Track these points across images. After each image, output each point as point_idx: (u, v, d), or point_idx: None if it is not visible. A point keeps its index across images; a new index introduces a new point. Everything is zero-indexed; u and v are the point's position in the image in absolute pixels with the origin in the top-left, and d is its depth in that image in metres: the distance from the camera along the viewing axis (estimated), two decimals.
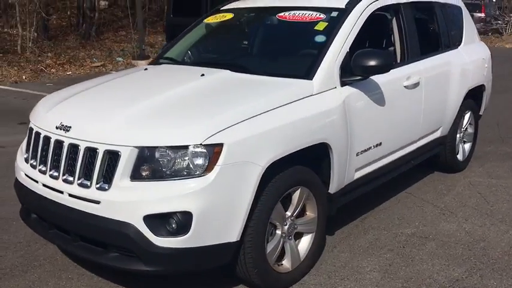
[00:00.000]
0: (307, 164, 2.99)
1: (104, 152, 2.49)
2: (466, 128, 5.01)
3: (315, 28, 3.39)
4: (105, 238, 2.53)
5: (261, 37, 3.88)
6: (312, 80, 3.03)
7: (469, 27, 4.92)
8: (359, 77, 3.20)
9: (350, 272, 3.16)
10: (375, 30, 3.75)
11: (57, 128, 2.70)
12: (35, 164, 2.83)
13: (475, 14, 23.33)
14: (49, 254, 3.33)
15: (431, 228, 3.75)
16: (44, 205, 2.75)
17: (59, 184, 2.63)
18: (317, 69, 3.08)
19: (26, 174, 2.89)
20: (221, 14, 4.05)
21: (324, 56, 3.14)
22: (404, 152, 3.93)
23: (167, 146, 2.45)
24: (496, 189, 4.52)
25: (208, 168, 2.43)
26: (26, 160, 2.94)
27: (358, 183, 3.49)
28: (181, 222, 2.40)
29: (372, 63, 3.11)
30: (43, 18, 15.89)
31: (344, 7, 3.48)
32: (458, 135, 4.86)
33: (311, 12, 3.53)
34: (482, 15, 24.05)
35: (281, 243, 2.89)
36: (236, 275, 2.81)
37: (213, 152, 2.43)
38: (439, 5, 4.46)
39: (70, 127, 2.65)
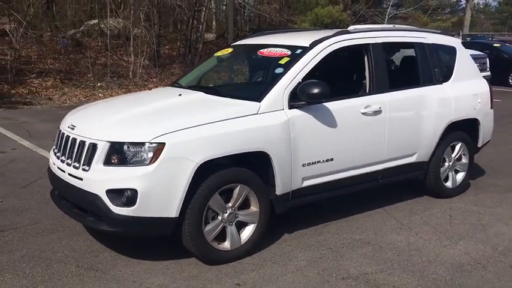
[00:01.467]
0: (251, 167, 3.82)
1: (89, 144, 3.57)
2: (459, 158, 5.40)
3: (279, 62, 4.24)
4: (85, 205, 3.60)
5: (239, 68, 4.80)
6: (259, 102, 3.87)
7: (463, 66, 5.36)
8: (303, 102, 3.96)
9: (283, 259, 3.89)
10: (341, 65, 4.48)
11: (68, 127, 3.87)
12: (56, 153, 4.00)
13: None
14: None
15: (379, 237, 4.31)
16: (58, 182, 3.90)
17: (64, 166, 3.77)
18: (266, 94, 3.92)
19: (52, 162, 4.08)
20: (226, 49, 5.05)
21: (275, 84, 3.98)
22: (366, 171, 4.54)
23: (129, 142, 3.46)
24: (470, 214, 4.89)
25: (152, 160, 3.39)
26: (54, 152, 4.13)
27: (310, 191, 4.20)
28: (130, 196, 3.38)
29: (312, 91, 3.88)
30: (153, 48, 18.14)
31: (308, 45, 4.28)
32: (447, 164, 5.29)
33: (283, 49, 4.39)
34: None
35: (220, 226, 3.73)
36: (184, 244, 3.71)
37: (157, 148, 3.39)
38: (421, 45, 5.02)
39: (75, 126, 3.80)
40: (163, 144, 3.40)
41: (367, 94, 4.52)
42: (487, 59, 12.98)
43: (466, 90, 5.28)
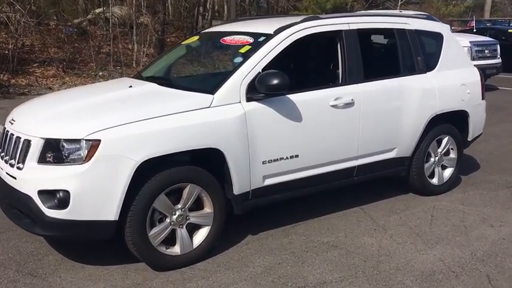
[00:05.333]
0: (207, 165, 3.53)
1: (24, 140, 3.32)
2: (446, 153, 5.03)
3: (239, 51, 3.91)
4: (19, 206, 3.36)
5: (200, 57, 4.49)
6: (213, 94, 3.57)
7: (450, 53, 4.97)
8: (262, 94, 3.64)
9: (239, 264, 3.60)
10: (311, 54, 4.14)
11: (9, 121, 3.61)
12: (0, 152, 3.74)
13: None
14: None
15: (349, 240, 3.99)
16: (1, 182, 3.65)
17: (2, 164, 3.52)
18: (221, 85, 3.61)
19: None
20: (193, 37, 4.74)
21: (231, 75, 3.66)
22: (337, 168, 4.21)
23: (64, 139, 3.19)
24: (453, 214, 4.53)
25: (87, 158, 3.12)
26: None
27: (273, 190, 3.90)
28: (62, 198, 3.12)
29: (270, 82, 3.56)
30: (158, 36, 17.86)
31: (272, 33, 3.94)
32: (432, 159, 4.93)
33: (245, 37, 4.06)
34: None
35: (169, 229, 3.45)
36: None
37: (91, 146, 3.11)
38: (402, 31, 4.63)
39: (14, 121, 3.55)
40: (99, 141, 3.13)
41: (338, 85, 4.17)
42: (498, 46, 12.37)
43: (453, 80, 4.88)
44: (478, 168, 5.92)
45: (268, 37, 3.90)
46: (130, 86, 3.88)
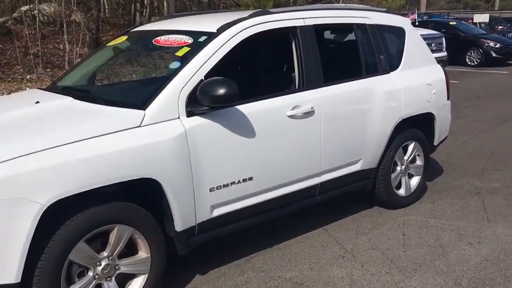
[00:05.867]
0: (137, 199, 2.82)
1: None
2: (413, 160, 4.55)
3: (176, 54, 3.21)
4: None
5: (129, 62, 3.75)
6: (144, 110, 2.85)
7: (413, 50, 4.47)
8: (206, 107, 2.96)
9: None
10: (262, 55, 3.49)
11: None
12: None
13: None
14: None
15: (316, 274, 3.39)
16: None
17: None
18: (154, 98, 2.89)
19: None
20: (121, 37, 3.97)
21: (167, 85, 2.95)
22: (298, 188, 3.60)
23: None
24: (426, 231, 4.04)
25: None
26: None
27: (224, 221, 3.24)
28: None
29: (215, 92, 2.88)
30: (91, 35, 16.67)
31: (215, 31, 3.26)
32: (398, 168, 4.42)
33: (183, 37, 3.36)
34: None
35: (93, 284, 2.72)
36: None
37: None
38: (362, 27, 4.07)
39: None
40: None
41: (295, 91, 3.55)
42: (443, 39, 12.24)
43: (418, 79, 4.39)
44: (441, 172, 5.51)
45: (211, 36, 3.22)
46: (37, 102, 3.07)
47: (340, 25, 4.00)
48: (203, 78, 3.03)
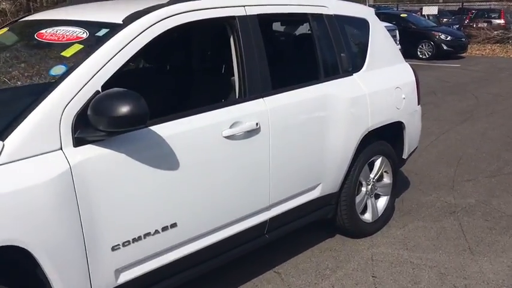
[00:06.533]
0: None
1: None
2: (380, 178, 3.79)
3: (62, 54, 2.26)
4: None
5: (7, 63, 2.77)
6: (3, 140, 1.90)
7: (379, 46, 3.70)
8: (103, 133, 2.05)
9: None
10: (186, 55, 2.60)
11: None
12: None
13: (493, 20, 21.76)
14: None
15: None
16: None
17: None
18: (19, 122, 1.95)
19: None
20: (2, 30, 2.96)
21: (41, 100, 2.01)
22: (241, 228, 2.75)
23: None
24: (400, 269, 3.29)
25: None
26: None
27: (141, 286, 2.34)
28: None
29: (115, 112, 1.97)
30: None
31: (120, 22, 2.33)
32: (364, 189, 3.65)
33: (75, 30, 2.41)
34: (502, 21, 22.31)
35: None
36: None
37: None
38: (319, 17, 3.24)
39: None
40: None
41: (235, 102, 2.68)
42: (397, 32, 11.72)
43: (385, 82, 3.62)
44: (408, 185, 4.81)
45: (115, 29, 2.30)
46: None
47: (291, 15, 3.14)
48: (100, 89, 2.11)
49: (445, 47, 15.46)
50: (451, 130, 6.96)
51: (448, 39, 15.55)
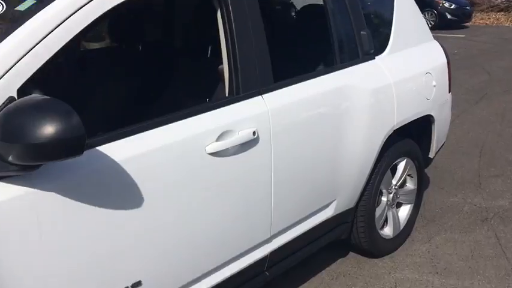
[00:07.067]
0: None
1: None
2: (403, 184, 3.10)
3: None
4: None
5: None
6: None
7: (406, 21, 2.95)
8: (15, 167, 1.32)
9: None
10: (158, 38, 1.85)
11: None
12: None
13: None
14: None
15: None
16: None
17: None
18: None
19: None
20: None
21: None
22: (234, 270, 2.06)
23: None
24: None
25: None
26: None
27: None
28: None
29: (33, 136, 1.24)
30: None
31: None
32: (384, 199, 2.96)
33: None
34: None
35: None
36: None
37: None
38: None
39: None
40: None
41: (224, 103, 1.94)
42: None
43: (413, 66, 2.89)
44: (428, 183, 4.12)
45: None
46: None
47: None
48: (15, 95, 1.37)
49: (449, 16, 14.64)
50: (466, 112, 6.27)
51: (452, 7, 14.71)
